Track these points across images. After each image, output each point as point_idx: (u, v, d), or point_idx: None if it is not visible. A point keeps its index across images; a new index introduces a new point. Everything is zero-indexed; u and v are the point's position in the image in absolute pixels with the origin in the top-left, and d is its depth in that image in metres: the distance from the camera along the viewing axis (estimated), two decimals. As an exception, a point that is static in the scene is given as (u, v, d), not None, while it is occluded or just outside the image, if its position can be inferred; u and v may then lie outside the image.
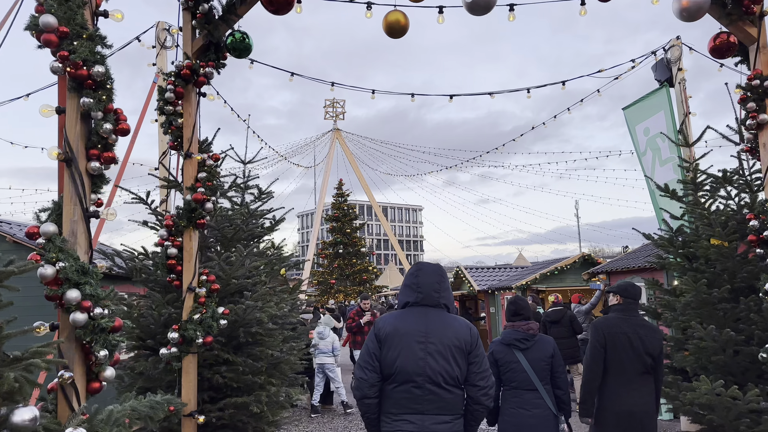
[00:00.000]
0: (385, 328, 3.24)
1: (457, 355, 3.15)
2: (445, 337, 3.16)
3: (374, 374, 3.18)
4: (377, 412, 3.22)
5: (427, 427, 3.08)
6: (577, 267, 15.88)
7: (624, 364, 4.35)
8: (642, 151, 8.95)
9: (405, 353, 3.14)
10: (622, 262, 10.97)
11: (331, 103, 45.72)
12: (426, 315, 3.25)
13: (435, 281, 3.31)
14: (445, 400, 3.12)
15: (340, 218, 43.14)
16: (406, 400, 3.12)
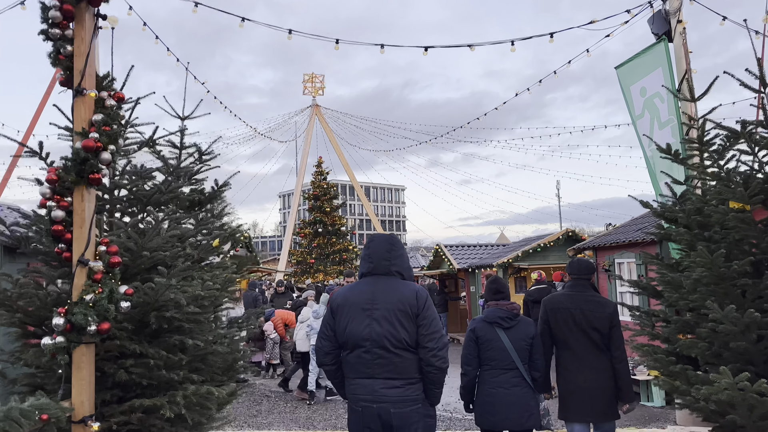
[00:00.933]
0: (337, 300, 3.43)
1: (402, 319, 3.23)
2: (389, 302, 3.26)
3: (328, 343, 3.38)
4: (339, 377, 3.44)
5: (377, 390, 3.20)
6: (560, 244, 15.17)
7: (568, 340, 4.39)
8: (638, 114, 8.09)
9: (353, 321, 3.29)
10: (609, 237, 10.22)
11: (309, 78, 44.33)
12: (375, 283, 3.37)
13: (385, 250, 3.43)
14: (394, 363, 3.20)
15: (319, 197, 42.07)
16: (358, 365, 3.27)
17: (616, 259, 9.89)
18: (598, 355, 4.35)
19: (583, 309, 4.40)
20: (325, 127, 45.07)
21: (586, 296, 4.50)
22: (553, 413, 4.89)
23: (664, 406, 8.22)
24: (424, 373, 3.26)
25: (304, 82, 44.45)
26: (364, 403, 3.25)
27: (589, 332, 4.35)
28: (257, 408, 8.68)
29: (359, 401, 3.28)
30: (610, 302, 4.62)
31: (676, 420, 7.34)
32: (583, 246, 10.62)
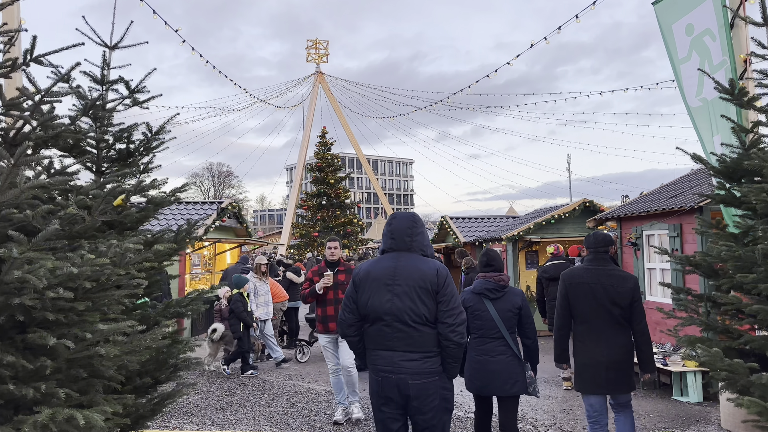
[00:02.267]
0: (360, 273, 3.54)
1: (422, 295, 3.33)
2: (410, 278, 3.36)
3: (351, 315, 3.50)
4: (361, 348, 3.56)
5: (396, 362, 3.32)
6: (576, 215, 13.84)
7: (587, 314, 4.43)
8: (683, 57, 6.70)
9: (375, 295, 3.41)
10: (636, 206, 8.90)
11: (313, 44, 42.63)
12: (397, 259, 3.48)
13: (406, 227, 3.54)
14: (412, 337, 3.31)
15: (323, 169, 40.77)
16: (379, 338, 3.40)
17: (644, 231, 8.60)
18: (617, 330, 4.39)
19: (604, 283, 4.39)
20: (329, 95, 43.54)
21: (607, 270, 4.47)
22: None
23: (701, 402, 7.02)
24: (443, 347, 3.35)
25: (308, 49, 42.80)
26: (383, 373, 3.36)
27: (609, 307, 4.36)
28: (228, 399, 7.56)
29: (379, 371, 3.40)
30: (631, 276, 4.56)
31: (721, 422, 6.13)
32: (605, 216, 9.33)
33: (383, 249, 3.61)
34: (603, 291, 4.36)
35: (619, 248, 9.27)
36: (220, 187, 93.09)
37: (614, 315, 4.35)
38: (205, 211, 14.01)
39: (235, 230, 16.09)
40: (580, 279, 4.48)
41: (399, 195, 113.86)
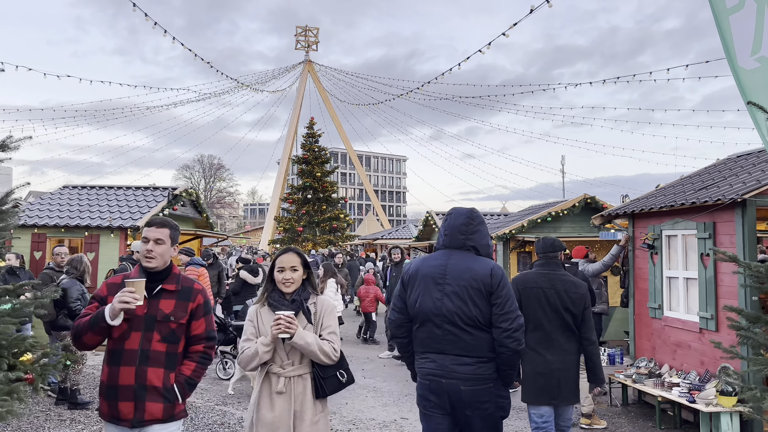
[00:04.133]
0: (409, 270, 3.35)
1: (475, 297, 3.10)
2: (461, 278, 3.14)
3: (401, 315, 3.30)
4: (410, 351, 3.33)
5: (447, 366, 3.09)
6: (576, 213, 12.23)
7: (541, 320, 4.33)
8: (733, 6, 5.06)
9: (424, 294, 3.19)
10: (655, 200, 7.28)
11: (303, 31, 40.83)
12: (449, 257, 3.24)
13: (462, 223, 3.30)
14: (465, 341, 3.09)
15: (310, 161, 39.05)
16: (429, 340, 3.17)
17: (664, 231, 6.98)
18: (569, 337, 4.32)
19: (558, 288, 4.33)
20: (318, 85, 41.80)
21: (560, 275, 4.41)
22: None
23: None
24: (498, 354, 3.10)
25: (297, 36, 40.99)
26: (433, 377, 3.15)
27: (562, 313, 4.28)
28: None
29: (428, 375, 3.18)
30: (582, 282, 4.48)
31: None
32: (615, 212, 7.71)
33: (437, 246, 3.42)
34: (557, 296, 4.28)
35: (630, 251, 7.63)
36: (211, 180, 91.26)
37: (567, 321, 4.28)
38: (155, 198, 12.31)
39: (193, 221, 14.37)
40: (533, 284, 4.38)
41: (391, 192, 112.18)
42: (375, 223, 45.51)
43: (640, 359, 7.30)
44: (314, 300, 3.16)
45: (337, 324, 3.15)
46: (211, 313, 3.01)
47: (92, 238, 10.91)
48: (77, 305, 6.67)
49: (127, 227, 10.78)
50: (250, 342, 3.05)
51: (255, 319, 3.10)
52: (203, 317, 3.01)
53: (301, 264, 3.15)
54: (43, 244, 11.04)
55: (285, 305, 3.03)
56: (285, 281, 3.08)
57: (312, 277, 3.22)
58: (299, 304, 3.07)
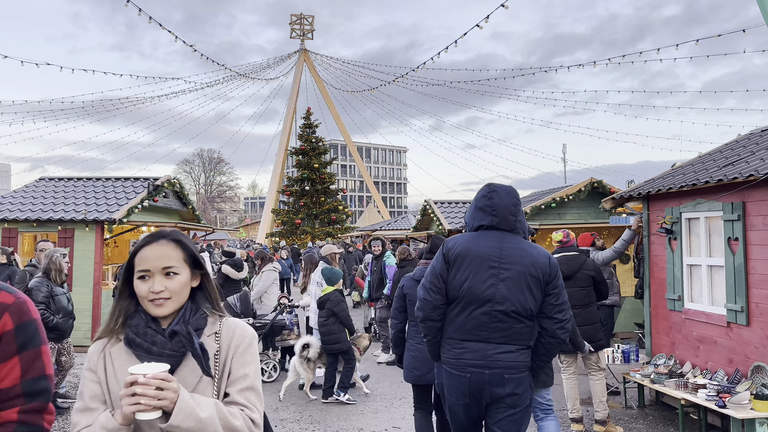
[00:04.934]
0: (456, 248, 3.01)
1: (532, 285, 2.92)
2: (520, 264, 2.92)
3: (439, 296, 3.00)
4: (439, 336, 3.06)
5: (489, 355, 2.89)
6: (582, 198, 11.49)
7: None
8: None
9: (475, 276, 2.93)
10: (673, 179, 6.55)
11: (297, 19, 39.92)
12: (502, 239, 3.01)
13: (511, 203, 3.06)
14: (513, 329, 2.91)
15: (307, 152, 38.30)
16: (471, 326, 2.93)
17: (684, 213, 6.26)
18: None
19: None
20: (315, 75, 40.97)
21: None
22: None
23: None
24: (542, 344, 2.97)
25: (291, 24, 40.09)
26: (473, 368, 2.90)
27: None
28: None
29: (467, 366, 2.92)
30: None
31: None
32: (628, 194, 6.98)
33: (478, 225, 3.08)
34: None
35: (645, 236, 6.92)
36: (211, 174, 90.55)
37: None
38: (134, 189, 11.60)
39: (179, 213, 13.68)
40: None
41: (392, 183, 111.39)
42: (375, 215, 44.82)
43: (657, 356, 6.60)
44: (216, 329, 1.74)
45: (257, 370, 1.76)
46: (39, 346, 1.58)
47: (66, 233, 10.22)
48: (39, 308, 5.97)
49: (102, 220, 10.07)
50: (86, 416, 1.63)
51: (99, 369, 1.69)
52: (16, 356, 1.53)
53: (184, 261, 1.73)
54: (14, 239, 10.36)
55: (156, 346, 1.64)
56: (155, 298, 1.67)
57: (210, 285, 1.81)
58: (186, 340, 1.65)
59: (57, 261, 6.22)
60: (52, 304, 6.03)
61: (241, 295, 8.30)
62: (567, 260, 5.68)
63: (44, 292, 6.02)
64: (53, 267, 6.20)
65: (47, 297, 6.03)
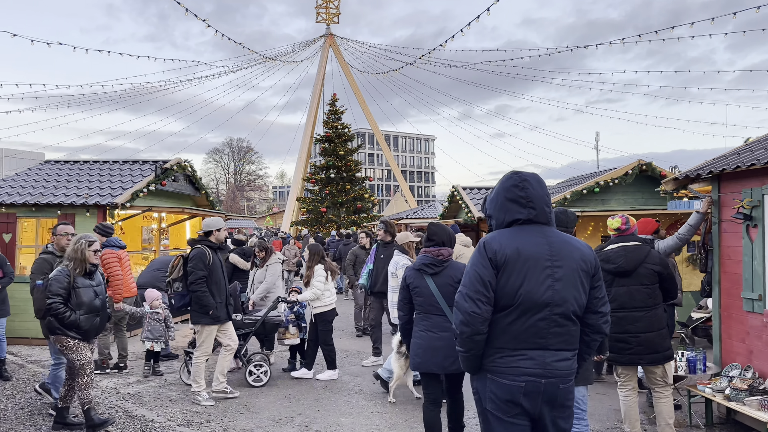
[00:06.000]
0: (503, 250, 2.64)
1: (584, 280, 2.70)
2: (571, 259, 2.68)
3: (489, 307, 2.64)
4: (483, 348, 2.69)
5: (548, 363, 2.62)
6: (629, 182, 10.36)
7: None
8: None
9: (530, 280, 2.61)
10: (752, 155, 5.43)
11: (323, 2, 38.96)
12: (545, 234, 2.73)
13: (545, 194, 2.79)
14: (570, 333, 2.68)
15: (332, 139, 37.48)
16: (528, 335, 2.62)
17: (767, 195, 5.16)
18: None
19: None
20: (341, 60, 39.99)
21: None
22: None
23: None
24: (586, 342, 2.78)
25: (317, 8, 39.15)
26: (529, 377, 2.60)
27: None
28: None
29: (522, 375, 2.61)
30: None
31: None
32: (695, 173, 5.87)
33: (513, 219, 2.73)
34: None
35: (715, 223, 5.82)
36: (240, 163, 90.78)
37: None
38: (141, 172, 10.86)
39: (192, 198, 12.94)
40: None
41: (420, 172, 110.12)
42: (403, 204, 43.90)
43: (729, 367, 5.52)
44: None
45: None
46: None
47: (67, 218, 9.52)
48: (52, 301, 5.07)
49: (104, 204, 9.35)
50: None
51: None
52: None
53: None
54: (12, 225, 9.71)
55: None
56: None
57: None
58: None
59: (80, 249, 5.24)
60: (73, 297, 5.17)
61: (228, 289, 7.45)
62: (626, 252, 4.64)
63: (63, 283, 5.16)
64: (75, 256, 5.23)
65: (65, 289, 5.16)
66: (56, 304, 5.07)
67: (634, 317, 4.60)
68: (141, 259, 12.80)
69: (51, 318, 5.11)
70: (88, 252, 5.26)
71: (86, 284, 5.26)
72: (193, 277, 6.12)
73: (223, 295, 6.36)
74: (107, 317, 5.68)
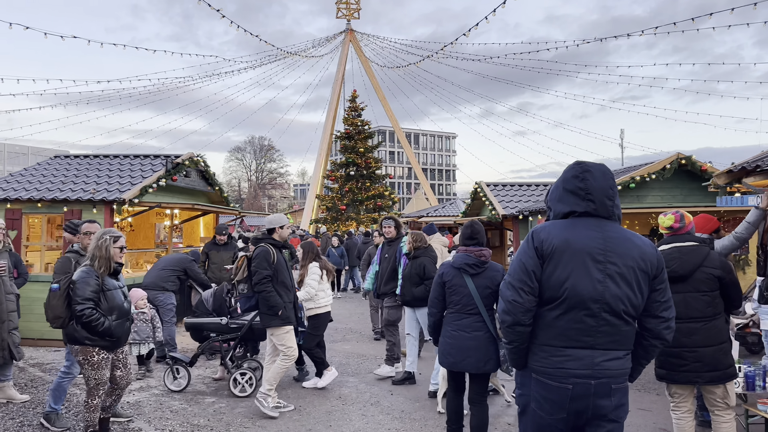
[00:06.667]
0: (551, 240, 2.54)
1: (641, 280, 2.51)
2: (628, 256, 2.50)
3: (531, 297, 2.55)
4: (527, 342, 2.59)
5: (597, 363, 2.47)
6: (667, 177, 9.67)
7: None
8: None
9: (578, 273, 2.48)
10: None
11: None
12: (602, 228, 2.56)
13: (608, 186, 2.61)
14: (621, 333, 2.51)
15: (352, 136, 37.03)
16: (575, 332, 2.49)
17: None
18: None
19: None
20: (361, 56, 39.48)
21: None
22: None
23: None
24: (644, 347, 2.61)
25: (337, 3, 38.68)
26: (577, 379, 2.46)
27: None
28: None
29: (569, 377, 2.48)
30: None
31: None
32: (753, 164, 5.20)
33: (569, 211, 2.61)
34: None
35: None
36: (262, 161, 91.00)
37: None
38: (152, 167, 10.47)
39: (206, 195, 12.53)
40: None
41: (441, 170, 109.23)
42: (424, 202, 43.34)
43: (794, 383, 4.86)
44: None
45: None
46: None
47: (73, 214, 9.15)
48: (84, 307, 4.46)
49: (111, 200, 8.95)
50: None
51: None
52: None
53: None
54: (18, 221, 9.38)
55: None
56: None
57: None
58: None
59: (104, 246, 4.63)
60: (103, 301, 4.58)
61: (216, 290, 6.93)
62: (681, 254, 4.03)
63: (93, 285, 4.53)
64: (99, 254, 4.62)
65: (96, 292, 4.55)
66: (89, 310, 4.45)
67: (690, 329, 3.98)
68: (154, 257, 12.44)
69: (81, 327, 4.52)
70: (114, 249, 4.65)
71: (115, 286, 4.68)
72: (258, 277, 5.66)
73: (291, 296, 5.92)
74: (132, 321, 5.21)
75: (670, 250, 4.06)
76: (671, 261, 4.01)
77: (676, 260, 3.99)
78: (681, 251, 4.02)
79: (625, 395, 2.55)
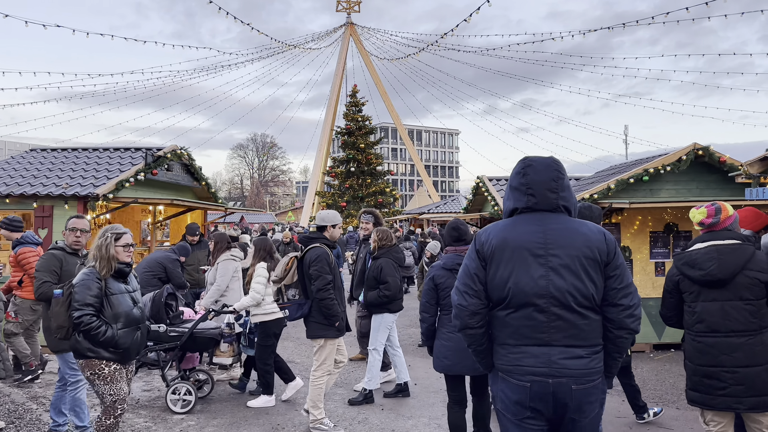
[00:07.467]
0: (490, 241, 2.55)
1: (590, 269, 2.45)
2: (571, 246, 2.47)
3: (476, 300, 2.54)
4: (485, 343, 2.59)
5: (554, 361, 2.42)
6: (683, 169, 8.97)
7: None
8: None
9: (519, 271, 2.47)
10: None
11: (343, -9, 37.78)
12: (544, 222, 2.54)
13: (550, 178, 2.56)
14: (577, 327, 2.44)
15: (352, 132, 36.44)
16: (527, 329, 2.47)
17: None
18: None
19: None
20: (362, 50, 38.78)
21: None
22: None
23: None
24: (610, 339, 2.52)
25: (337, -4, 38.00)
26: (535, 377, 2.43)
27: None
28: None
29: (527, 374, 2.44)
30: None
31: None
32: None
33: (513, 208, 2.61)
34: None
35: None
36: (264, 159, 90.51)
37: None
38: (131, 160, 9.83)
39: (192, 190, 11.90)
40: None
41: (443, 167, 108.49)
42: (426, 199, 42.76)
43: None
44: None
45: None
46: None
47: (44, 210, 8.53)
48: (82, 314, 3.88)
49: (83, 195, 8.32)
50: None
51: None
52: None
53: None
54: (-14, 218, 8.75)
55: None
56: None
57: None
58: None
59: (103, 246, 4.04)
60: (107, 306, 4.00)
61: (155, 294, 6.12)
62: (720, 254, 3.35)
63: (94, 290, 3.95)
64: (100, 254, 4.03)
65: (98, 297, 3.97)
66: (87, 316, 3.88)
67: (730, 345, 3.31)
68: (138, 256, 11.82)
69: (82, 336, 3.92)
70: (115, 248, 4.06)
71: (121, 290, 4.07)
72: (321, 283, 4.98)
73: (344, 304, 5.31)
74: (147, 331, 4.53)
75: (706, 250, 3.39)
76: (707, 262, 3.34)
77: (714, 261, 3.32)
78: (720, 251, 3.35)
79: (587, 397, 2.40)
